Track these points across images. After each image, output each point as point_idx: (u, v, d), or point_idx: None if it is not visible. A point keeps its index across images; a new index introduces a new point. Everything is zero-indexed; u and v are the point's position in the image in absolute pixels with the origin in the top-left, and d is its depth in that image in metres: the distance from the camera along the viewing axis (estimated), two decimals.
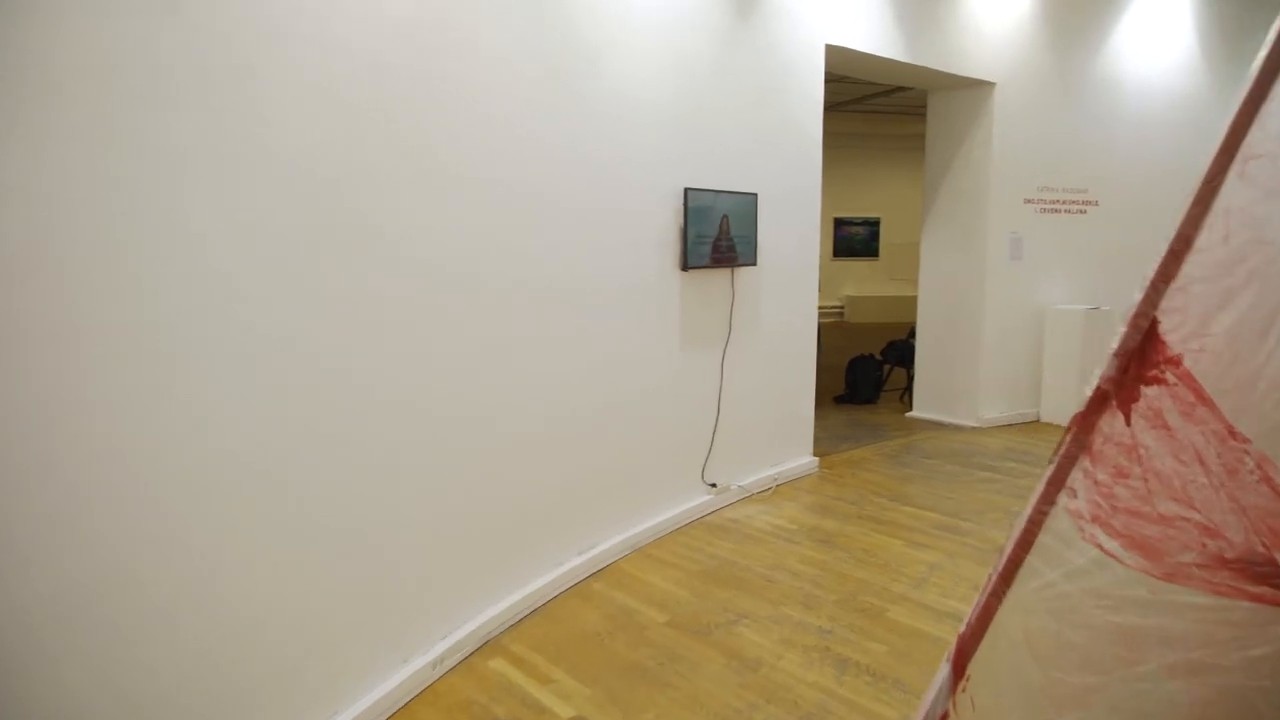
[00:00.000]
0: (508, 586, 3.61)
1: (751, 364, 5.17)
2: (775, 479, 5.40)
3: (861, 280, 16.62)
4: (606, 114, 4.01)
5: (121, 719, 2.14)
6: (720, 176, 4.75)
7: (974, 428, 7.11)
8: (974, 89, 6.96)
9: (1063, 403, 7.24)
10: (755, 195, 4.92)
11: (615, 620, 3.59)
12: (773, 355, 5.35)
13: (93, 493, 2.06)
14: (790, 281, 5.47)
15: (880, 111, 13.32)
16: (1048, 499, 1.35)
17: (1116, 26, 7.44)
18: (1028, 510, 1.36)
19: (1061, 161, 7.38)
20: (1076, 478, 1.33)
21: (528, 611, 3.64)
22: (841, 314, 16.45)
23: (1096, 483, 1.32)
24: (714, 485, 4.93)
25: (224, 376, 2.36)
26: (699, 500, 4.84)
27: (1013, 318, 7.25)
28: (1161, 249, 1.33)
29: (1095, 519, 1.31)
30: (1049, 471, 1.35)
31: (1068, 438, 1.33)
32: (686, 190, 4.43)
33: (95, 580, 2.06)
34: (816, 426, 5.87)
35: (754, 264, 4.98)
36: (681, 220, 4.45)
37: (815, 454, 5.87)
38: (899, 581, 3.96)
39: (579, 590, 3.90)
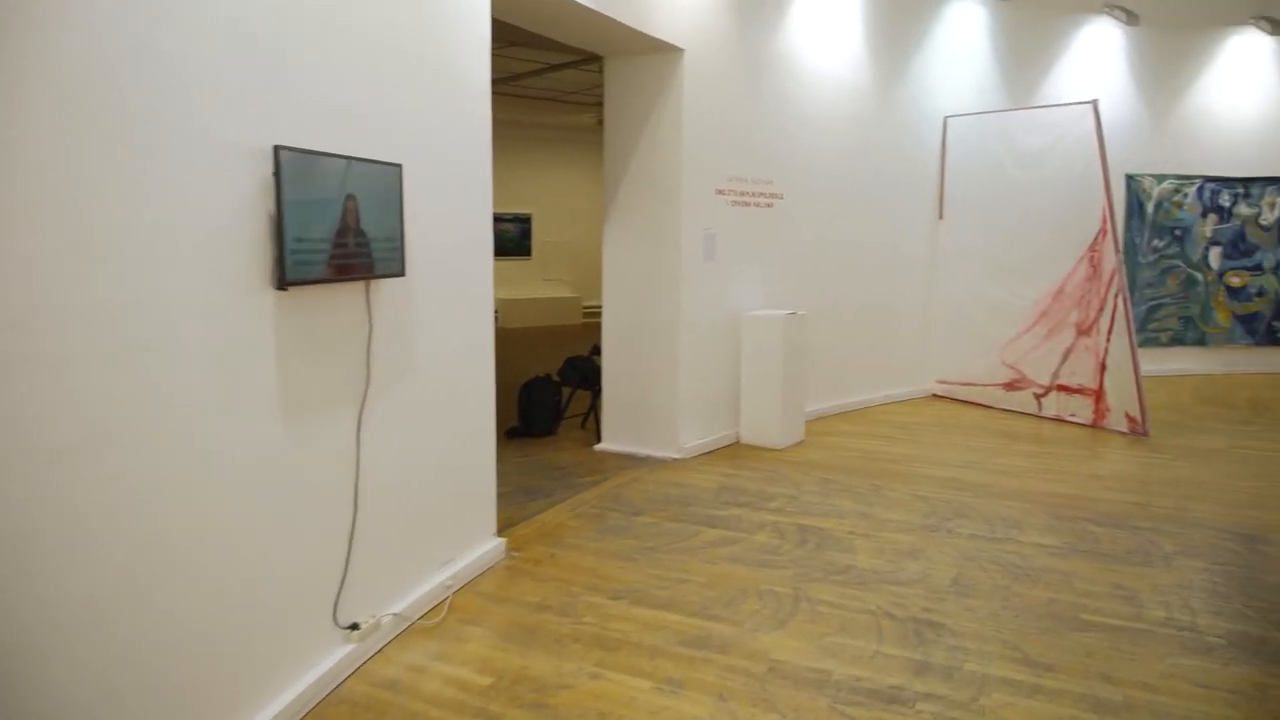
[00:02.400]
0: None
1: (405, 425, 3.42)
2: (450, 585, 3.70)
3: (515, 282, 15.31)
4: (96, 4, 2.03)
5: None
6: (341, 134, 2.94)
7: (676, 460, 5.99)
8: (660, 55, 5.79)
9: (764, 420, 6.40)
10: (399, 168, 3.18)
11: None
12: (437, 408, 3.64)
13: None
14: (457, 297, 3.79)
15: (533, 97, 12.02)
16: None
17: (790, 8, 6.76)
18: None
19: (751, 148, 6.53)
20: None
21: None
22: (496, 319, 14.97)
23: None
24: (355, 626, 3.10)
25: None
26: (333, 657, 2.99)
27: (709, 327, 6.25)
28: None
29: None
30: None
31: None
32: (279, 151, 2.56)
33: None
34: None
35: (401, 273, 3.23)
36: (273, 203, 2.57)
37: (499, 526, 4.27)
38: None
39: None
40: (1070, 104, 7.44)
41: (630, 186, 6.08)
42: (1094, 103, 7.12)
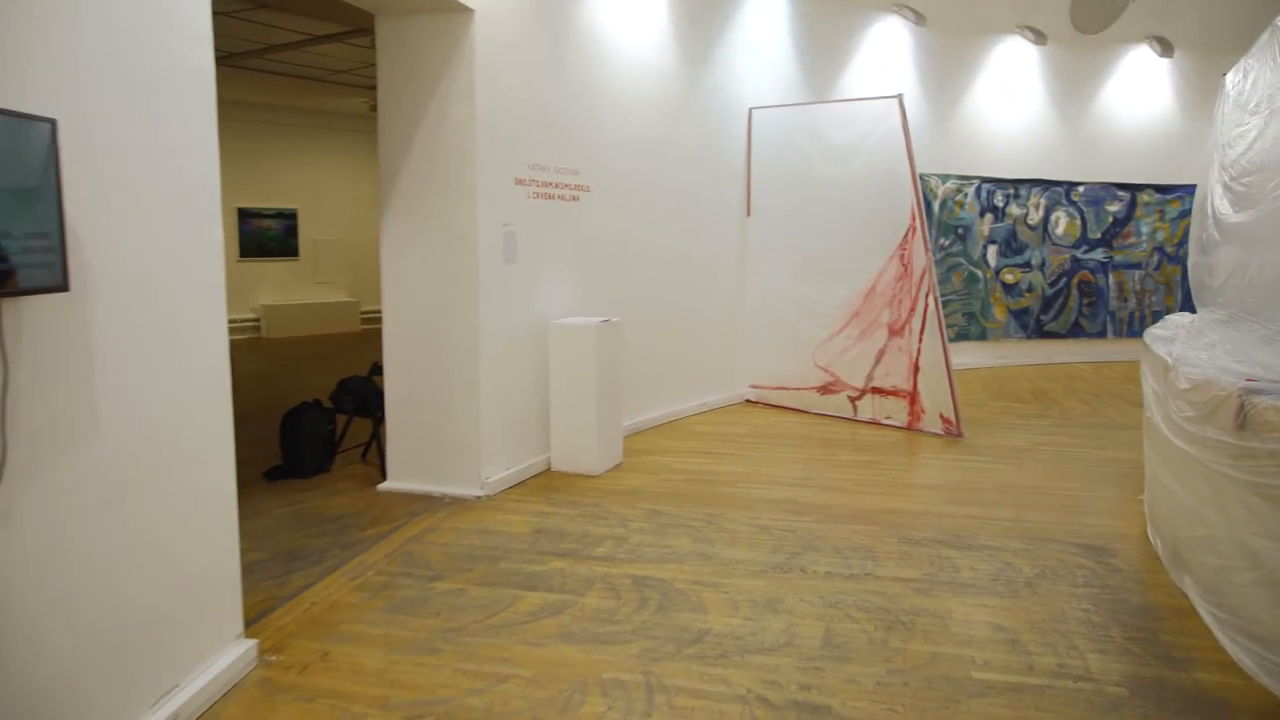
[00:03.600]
0: None
1: (80, 512, 2.30)
2: None
3: (280, 286, 13.56)
4: None
5: None
6: None
7: (480, 499, 5.06)
8: (444, 15, 4.83)
9: (578, 444, 5.61)
10: (51, 126, 2.07)
11: None
12: (138, 474, 2.52)
13: None
14: (170, 316, 2.68)
15: (295, 76, 10.52)
16: None
17: None
18: None
19: (554, 132, 5.72)
20: None
21: None
22: (258, 328, 13.20)
23: None
24: None
25: None
26: None
27: (512, 339, 5.37)
28: None
29: None
30: None
31: None
32: None
33: None
34: (242, 532, 3.14)
35: (61, 286, 2.12)
36: None
37: (248, 620, 3.18)
38: None
39: None
40: (876, 98, 7.24)
41: (413, 174, 5.08)
42: (899, 97, 6.95)
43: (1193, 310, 11.69)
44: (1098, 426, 7.37)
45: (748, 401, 8.10)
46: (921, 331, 6.93)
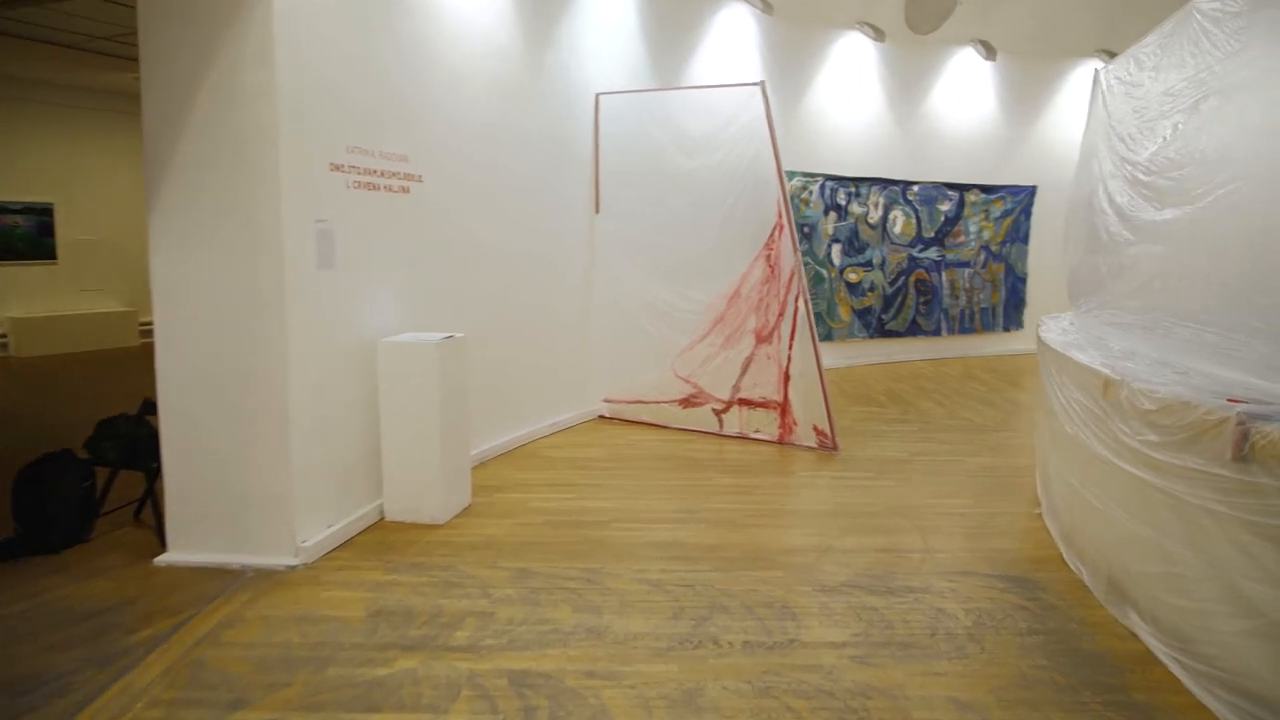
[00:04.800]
0: None
1: None
2: None
3: (35, 294, 11.41)
4: None
5: None
6: None
7: (296, 569, 3.98)
8: None
9: (418, 486, 4.63)
10: None
11: None
12: None
13: None
14: None
15: (44, 42, 8.69)
16: None
17: None
18: None
19: (380, 109, 4.69)
20: None
21: None
22: (5, 346, 11.01)
23: None
24: None
25: None
26: None
27: (331, 362, 4.32)
28: None
29: None
30: None
31: None
32: None
33: None
34: None
35: None
36: None
37: None
38: None
39: None
40: (736, 85, 6.67)
41: (193, 156, 3.92)
42: (761, 84, 6.41)
43: (1018, 308, 12.23)
44: (960, 430, 7.18)
45: (601, 418, 7.34)
46: (791, 338, 6.43)
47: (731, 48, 8.79)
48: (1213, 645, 2.94)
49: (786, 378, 6.49)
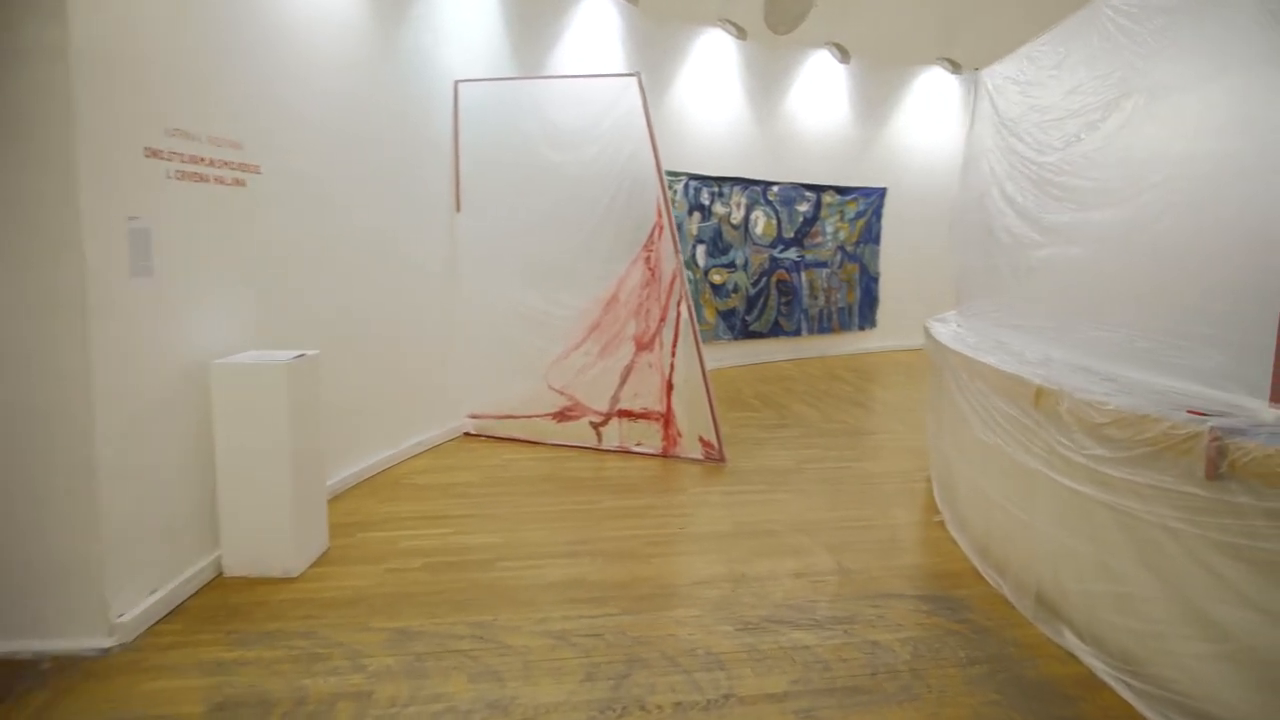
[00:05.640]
0: None
1: None
2: None
3: None
4: None
5: None
6: None
7: (111, 653, 3.20)
8: None
9: (264, 532, 3.91)
10: None
11: None
12: None
13: None
14: None
15: None
16: None
17: None
18: None
19: (205, 83, 3.93)
20: None
21: None
22: None
23: None
24: None
25: None
26: None
27: (151, 393, 3.55)
28: None
29: None
30: None
31: None
32: None
33: None
34: None
35: None
36: None
37: None
38: None
39: None
40: (610, 75, 6.24)
41: None
42: (637, 75, 6.01)
43: (872, 307, 12.45)
44: (840, 434, 7.08)
45: (467, 435, 6.73)
46: (674, 344, 6.07)
47: (595, 39, 8.36)
48: (1169, 668, 2.78)
49: (669, 387, 6.13)
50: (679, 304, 6.02)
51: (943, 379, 4.59)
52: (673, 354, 6.08)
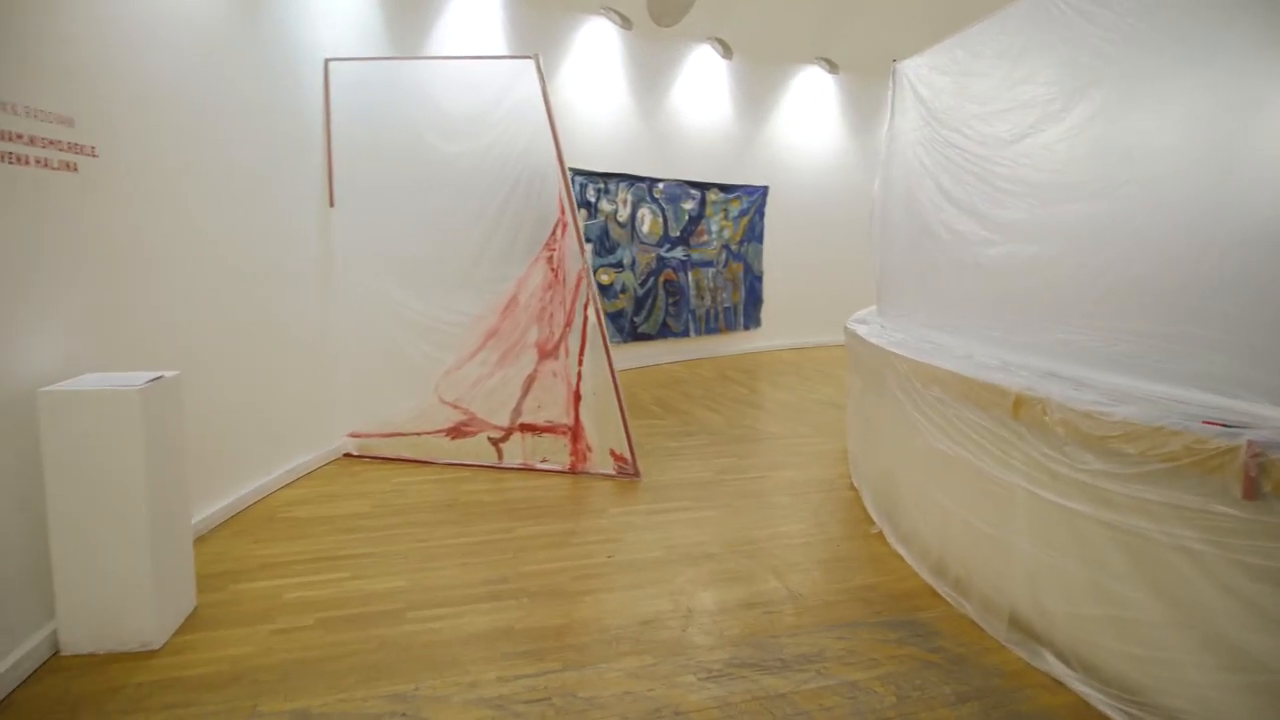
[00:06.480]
0: None
1: None
2: None
3: None
4: None
5: None
6: None
7: None
8: None
9: (115, 596, 3.17)
10: None
11: None
12: None
13: None
14: None
15: None
16: None
17: None
18: None
19: (24, 45, 3.15)
20: None
21: None
22: None
23: None
24: None
25: None
26: None
27: None
28: None
29: None
30: None
31: None
32: None
33: None
34: None
35: None
36: None
37: None
38: None
39: None
40: (504, 57, 5.70)
41: None
42: (535, 57, 5.50)
43: (756, 306, 12.32)
44: (750, 440, 6.82)
45: (348, 456, 6.02)
46: (581, 352, 5.61)
47: (475, 22, 7.75)
48: (1180, 698, 2.56)
49: (577, 397, 5.66)
50: (586, 307, 5.56)
51: (883, 384, 4.33)
52: (580, 362, 5.61)
